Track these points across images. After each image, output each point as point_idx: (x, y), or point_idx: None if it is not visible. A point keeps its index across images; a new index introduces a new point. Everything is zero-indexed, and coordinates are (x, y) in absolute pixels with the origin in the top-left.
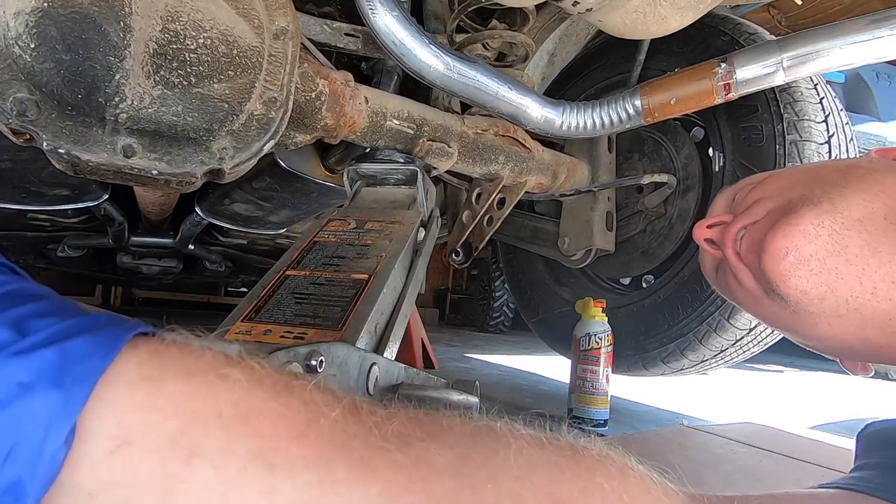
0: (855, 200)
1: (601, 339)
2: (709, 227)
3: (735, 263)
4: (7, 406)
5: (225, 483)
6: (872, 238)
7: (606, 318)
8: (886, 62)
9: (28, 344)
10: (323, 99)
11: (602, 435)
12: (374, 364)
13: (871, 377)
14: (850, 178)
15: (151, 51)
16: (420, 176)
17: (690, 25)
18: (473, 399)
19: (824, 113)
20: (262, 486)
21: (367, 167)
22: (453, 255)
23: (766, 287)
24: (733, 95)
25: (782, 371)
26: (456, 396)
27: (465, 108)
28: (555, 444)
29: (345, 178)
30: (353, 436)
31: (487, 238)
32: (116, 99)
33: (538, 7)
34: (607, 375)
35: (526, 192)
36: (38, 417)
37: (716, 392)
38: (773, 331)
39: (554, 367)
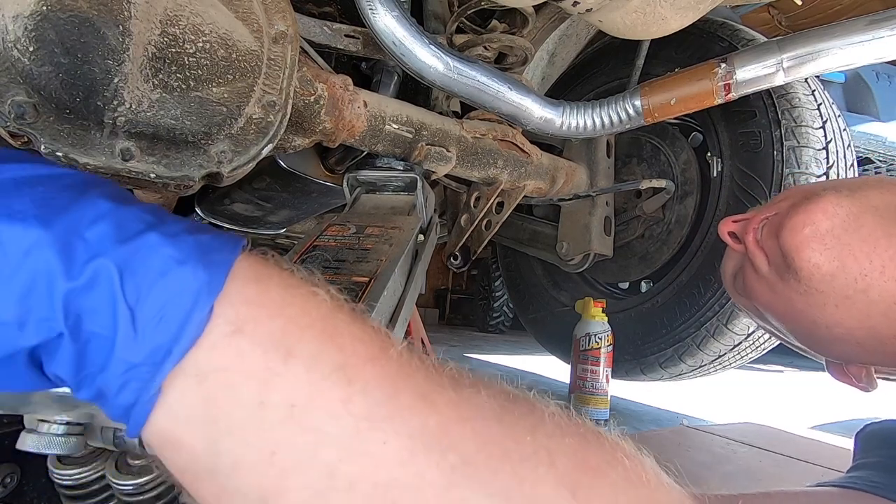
0: (872, 192)
1: (601, 339)
2: (734, 222)
3: (753, 249)
4: (166, 274)
5: (312, 385)
6: (886, 222)
7: (606, 318)
8: (886, 62)
9: (174, 229)
10: (322, 103)
11: None
12: None
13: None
14: (868, 179)
15: (150, 54)
16: (420, 183)
17: (688, 30)
18: None
19: (822, 119)
20: (342, 395)
21: (367, 174)
22: (451, 259)
23: (779, 269)
24: (733, 96)
25: (782, 371)
26: None
27: (465, 111)
28: (579, 419)
29: (344, 184)
30: (416, 369)
31: (486, 242)
32: (115, 102)
33: (538, 7)
34: (607, 375)
35: (524, 196)
36: (189, 289)
37: (716, 392)
38: (770, 336)
39: (554, 367)
